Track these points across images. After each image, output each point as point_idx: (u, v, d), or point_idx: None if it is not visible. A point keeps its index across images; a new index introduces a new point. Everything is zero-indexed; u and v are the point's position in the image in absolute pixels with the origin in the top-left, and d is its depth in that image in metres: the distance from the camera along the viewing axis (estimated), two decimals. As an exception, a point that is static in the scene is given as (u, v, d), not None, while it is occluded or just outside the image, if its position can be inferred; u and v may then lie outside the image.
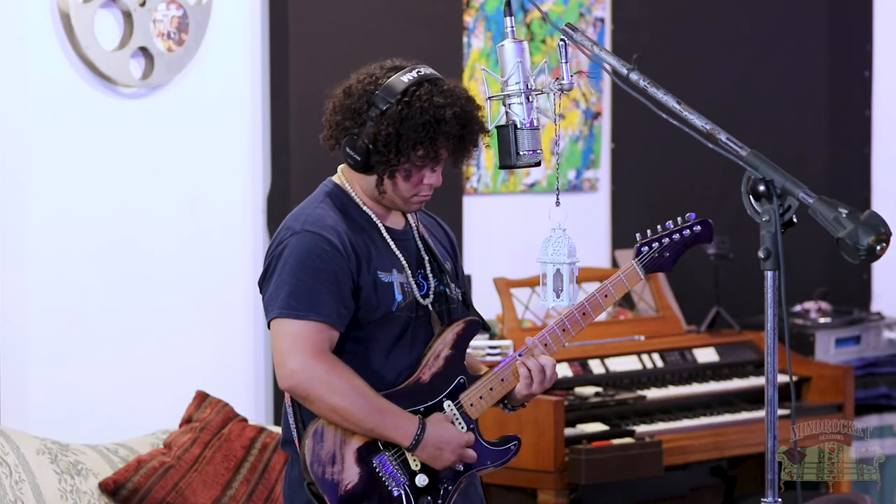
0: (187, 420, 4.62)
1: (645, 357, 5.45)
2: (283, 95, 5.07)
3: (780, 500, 2.75)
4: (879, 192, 6.69)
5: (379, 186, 3.34)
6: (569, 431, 4.94)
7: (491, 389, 3.42)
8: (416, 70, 3.35)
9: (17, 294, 4.58)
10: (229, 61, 5.02)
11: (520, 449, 3.47)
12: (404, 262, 3.40)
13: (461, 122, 3.30)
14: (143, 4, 4.75)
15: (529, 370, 3.40)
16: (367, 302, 3.33)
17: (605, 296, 3.46)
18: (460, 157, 3.35)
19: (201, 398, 4.66)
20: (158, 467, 4.40)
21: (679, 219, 3.51)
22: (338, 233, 3.33)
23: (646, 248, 3.48)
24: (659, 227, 3.49)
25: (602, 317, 5.73)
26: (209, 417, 4.58)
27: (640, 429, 5.12)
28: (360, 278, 3.33)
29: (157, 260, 4.86)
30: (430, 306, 3.42)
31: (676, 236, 3.51)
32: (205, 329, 4.96)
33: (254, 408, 5.05)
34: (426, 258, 3.45)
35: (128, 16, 4.74)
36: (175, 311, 4.89)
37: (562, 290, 3.25)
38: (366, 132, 3.31)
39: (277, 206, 5.07)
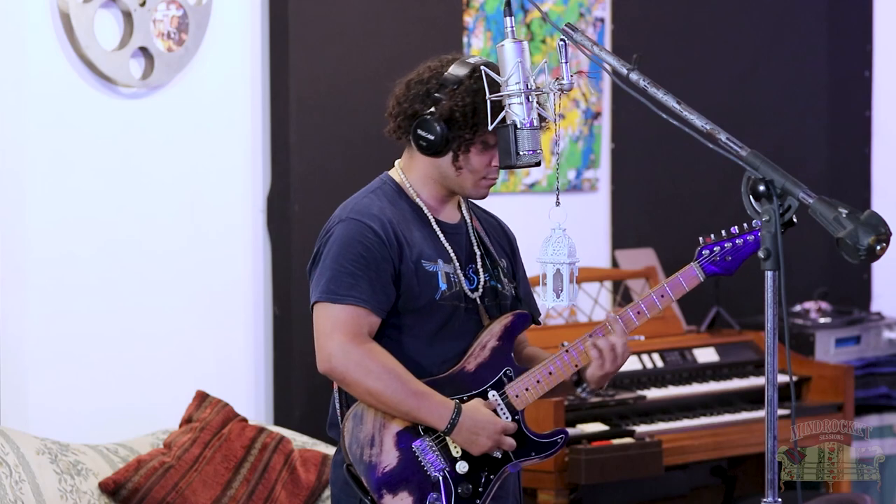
0: (187, 420, 4.62)
1: (645, 357, 5.44)
2: (283, 95, 5.07)
3: (780, 500, 2.74)
4: (879, 192, 6.69)
5: (455, 163, 3.39)
6: (569, 431, 4.94)
7: (538, 382, 3.44)
8: (475, 58, 3.43)
9: (17, 294, 4.58)
10: (229, 61, 5.02)
11: (566, 443, 3.51)
12: (452, 254, 3.45)
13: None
14: (143, 4, 4.75)
15: (600, 350, 3.41)
16: (409, 290, 3.38)
17: (662, 296, 3.47)
18: None
19: (201, 398, 4.66)
20: (158, 467, 4.40)
21: (745, 224, 3.47)
22: (381, 221, 3.38)
23: (707, 251, 3.48)
24: (723, 231, 3.47)
25: (602, 316, 5.73)
26: (209, 417, 4.58)
27: (640, 429, 5.12)
28: (402, 266, 3.38)
29: (157, 260, 4.86)
30: (478, 300, 3.46)
31: (740, 241, 3.47)
32: (205, 329, 4.96)
33: (254, 408, 5.05)
34: (478, 252, 3.50)
35: (128, 16, 4.74)
36: (175, 310, 4.89)
37: (562, 290, 3.26)
38: (440, 110, 3.36)
39: (277, 206, 5.07)
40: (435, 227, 3.46)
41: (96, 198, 4.73)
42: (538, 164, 3.19)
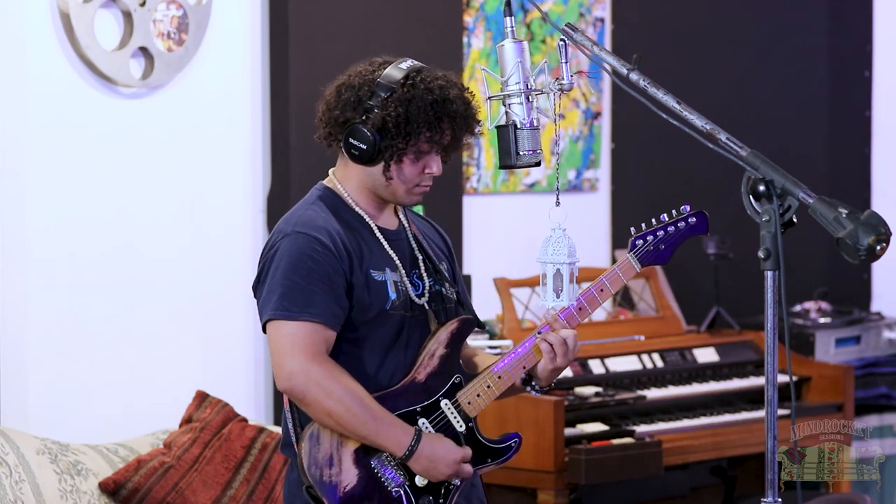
0: (187, 420, 4.62)
1: (645, 357, 5.44)
2: (283, 95, 5.07)
3: (780, 500, 2.75)
4: (879, 192, 6.69)
5: (386, 173, 3.35)
6: (569, 431, 4.94)
7: (488, 387, 3.41)
8: (407, 61, 3.38)
9: (18, 294, 4.58)
10: (229, 61, 5.02)
11: (520, 447, 3.47)
12: (398, 262, 3.40)
13: (465, 102, 3.33)
14: (143, 4, 4.75)
15: (551, 344, 3.39)
16: (361, 301, 3.33)
17: (601, 290, 3.45)
18: (462, 138, 3.36)
19: (201, 398, 4.66)
20: (158, 467, 4.40)
21: (674, 211, 3.50)
22: (329, 232, 3.33)
23: (640, 241, 3.48)
24: (654, 220, 3.49)
25: (602, 317, 5.73)
26: (209, 417, 4.59)
27: (640, 429, 5.12)
28: (353, 277, 3.33)
29: (157, 260, 4.86)
30: (426, 305, 3.42)
31: (671, 228, 3.50)
32: (205, 329, 4.96)
33: (254, 408, 5.05)
34: (420, 258, 3.46)
35: (128, 16, 4.74)
36: (175, 311, 4.90)
37: (562, 290, 3.26)
38: (372, 119, 3.31)
39: (277, 206, 5.07)
40: (378, 234, 3.41)
41: (96, 198, 4.74)
42: (538, 164, 3.18)
